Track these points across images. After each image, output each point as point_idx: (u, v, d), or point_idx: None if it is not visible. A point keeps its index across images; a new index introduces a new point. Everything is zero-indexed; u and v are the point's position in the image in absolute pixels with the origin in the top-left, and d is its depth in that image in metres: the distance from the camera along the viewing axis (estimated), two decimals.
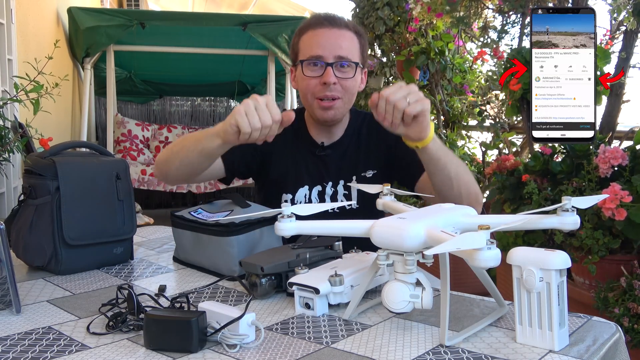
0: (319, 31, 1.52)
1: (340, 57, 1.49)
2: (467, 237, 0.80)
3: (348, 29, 1.54)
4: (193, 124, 5.96)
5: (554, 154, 2.37)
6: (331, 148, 1.62)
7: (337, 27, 1.52)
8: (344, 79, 1.50)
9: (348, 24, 1.55)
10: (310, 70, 1.51)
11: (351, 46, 1.52)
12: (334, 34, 1.51)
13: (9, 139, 1.26)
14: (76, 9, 4.60)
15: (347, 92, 1.52)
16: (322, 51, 1.49)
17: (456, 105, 3.85)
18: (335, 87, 1.50)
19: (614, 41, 2.67)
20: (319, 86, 1.50)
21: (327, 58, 1.49)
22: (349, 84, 1.51)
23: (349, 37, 1.53)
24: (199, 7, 8.45)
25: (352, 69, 1.51)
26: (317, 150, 1.61)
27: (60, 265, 1.29)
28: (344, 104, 1.54)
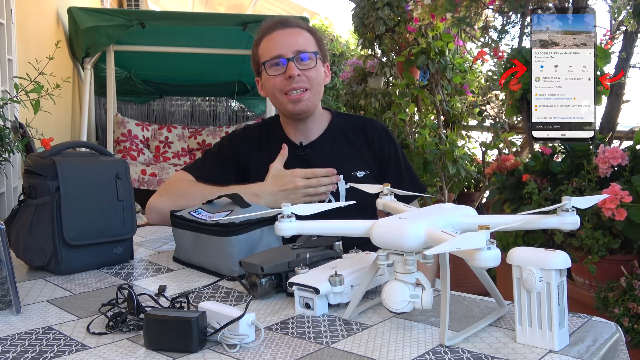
0: (274, 34, 1.59)
1: (298, 50, 1.56)
2: (467, 237, 0.80)
3: (301, 27, 1.62)
4: (193, 124, 5.95)
5: (554, 154, 2.37)
6: (311, 147, 1.65)
7: (289, 27, 1.60)
8: (306, 69, 1.57)
9: (300, 23, 1.63)
10: (274, 70, 1.58)
11: (307, 41, 1.60)
12: (288, 33, 1.59)
13: (9, 139, 1.26)
14: (76, 9, 4.60)
15: (313, 82, 1.58)
16: (280, 50, 1.56)
17: (456, 105, 3.86)
18: (300, 79, 1.56)
19: (614, 41, 2.67)
20: (284, 81, 1.56)
21: (287, 54, 1.56)
22: (312, 74, 1.58)
23: (304, 35, 1.61)
24: (199, 7, 8.45)
25: (313, 60, 1.58)
26: (297, 151, 1.64)
27: (60, 265, 1.29)
28: (312, 94, 1.59)
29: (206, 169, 1.68)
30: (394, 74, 4.01)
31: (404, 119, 3.71)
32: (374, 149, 1.66)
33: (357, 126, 1.69)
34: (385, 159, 1.66)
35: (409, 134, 3.77)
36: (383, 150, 1.66)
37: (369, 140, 1.67)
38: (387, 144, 1.67)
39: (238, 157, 1.68)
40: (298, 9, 7.77)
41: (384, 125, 1.74)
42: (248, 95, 6.05)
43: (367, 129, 1.69)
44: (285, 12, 7.48)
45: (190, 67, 5.53)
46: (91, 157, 1.41)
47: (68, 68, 4.83)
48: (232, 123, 5.90)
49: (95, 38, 4.56)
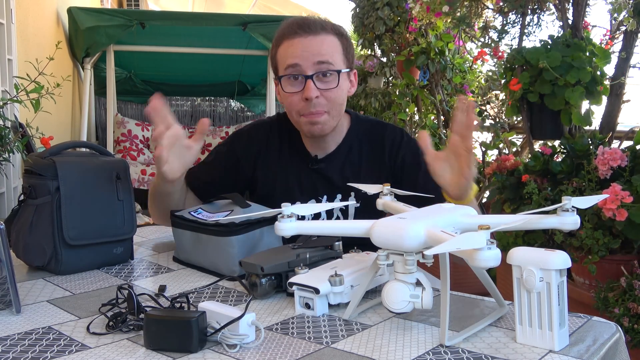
0: (294, 41, 1.40)
1: (321, 62, 1.38)
2: (467, 237, 0.80)
3: (325, 31, 1.41)
4: (193, 124, 5.94)
5: (554, 154, 2.37)
6: (325, 161, 1.52)
7: (312, 33, 1.39)
8: (327, 90, 1.40)
9: (325, 25, 1.42)
10: (290, 86, 1.41)
11: (331, 50, 1.40)
12: (309, 42, 1.39)
13: (9, 139, 1.26)
14: (76, 9, 4.60)
15: (333, 103, 1.42)
16: (300, 60, 1.38)
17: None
18: (318, 102, 1.39)
19: (614, 41, 2.67)
20: (301, 102, 1.40)
21: (306, 69, 1.38)
22: (333, 94, 1.41)
23: (328, 41, 1.41)
24: (199, 7, 8.45)
25: (335, 78, 1.40)
26: (311, 164, 1.52)
27: (60, 265, 1.29)
28: (331, 117, 1.44)
29: (197, 172, 1.56)
30: (394, 74, 4.01)
31: (404, 119, 3.71)
32: (390, 158, 1.52)
33: (375, 135, 1.54)
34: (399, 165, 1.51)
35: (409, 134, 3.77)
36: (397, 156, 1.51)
37: (387, 150, 1.52)
38: (403, 149, 1.52)
39: (241, 157, 1.55)
40: (298, 9, 7.77)
41: (402, 130, 1.59)
42: (248, 95, 6.05)
43: (385, 137, 1.53)
44: (285, 12, 7.48)
45: (190, 67, 5.53)
46: (91, 157, 1.41)
47: (68, 68, 4.83)
48: (232, 123, 5.90)
49: (95, 38, 4.56)
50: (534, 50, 2.38)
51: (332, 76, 1.40)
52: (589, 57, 2.32)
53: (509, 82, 2.49)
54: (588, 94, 2.29)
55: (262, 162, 1.55)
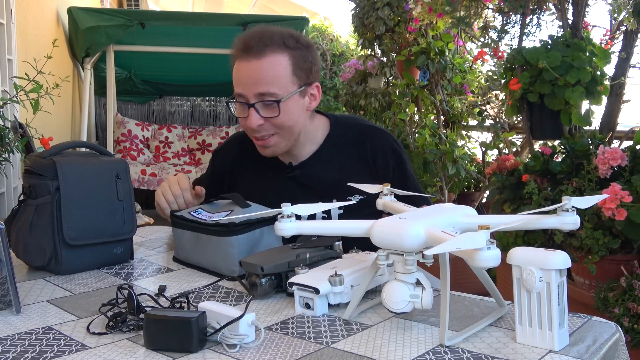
0: (238, 65, 1.38)
1: (261, 94, 1.34)
2: (467, 237, 0.80)
3: (271, 50, 1.34)
4: (193, 124, 5.96)
5: (554, 154, 2.37)
6: (301, 167, 1.49)
7: (254, 55, 1.34)
8: (270, 117, 1.36)
9: (271, 42, 1.34)
10: (239, 110, 1.41)
11: (274, 75, 1.34)
12: (251, 67, 1.35)
13: (9, 139, 1.26)
14: (76, 9, 4.60)
15: (280, 128, 1.38)
16: (243, 89, 1.36)
17: (456, 105, 3.85)
18: (264, 127, 1.37)
19: (614, 41, 2.67)
20: (249, 128, 1.40)
21: (249, 97, 1.35)
22: (278, 121, 1.36)
23: (273, 63, 1.34)
24: (199, 7, 8.45)
25: (275, 108, 1.35)
26: (286, 172, 1.49)
27: (60, 265, 1.29)
28: (282, 138, 1.40)
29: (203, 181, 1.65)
30: (394, 74, 4.01)
31: (404, 119, 3.71)
32: (375, 164, 1.48)
33: (357, 139, 1.50)
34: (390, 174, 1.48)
35: (409, 134, 3.77)
36: (386, 165, 1.49)
37: (370, 155, 1.48)
38: (390, 157, 1.49)
39: (221, 174, 1.60)
40: (298, 9, 7.76)
41: (388, 135, 1.56)
42: None
43: (367, 142, 1.49)
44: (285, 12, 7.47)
45: (190, 67, 5.53)
46: (91, 157, 1.41)
47: (68, 68, 4.83)
48: (232, 123, 5.90)
49: (95, 38, 4.56)
50: (534, 50, 2.38)
51: (273, 107, 1.36)
52: (589, 57, 2.32)
53: (509, 82, 2.49)
54: (588, 94, 2.29)
55: (239, 175, 1.57)
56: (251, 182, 1.54)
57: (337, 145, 1.50)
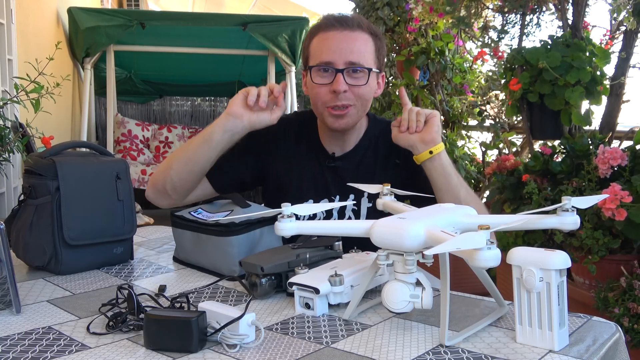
0: (329, 34, 1.42)
1: (352, 62, 1.39)
2: (467, 237, 0.80)
3: (362, 30, 1.43)
4: (193, 124, 5.96)
5: (554, 154, 2.37)
6: (343, 159, 1.51)
7: (349, 28, 1.41)
8: (356, 86, 1.40)
9: (362, 24, 1.44)
10: (320, 77, 1.41)
11: (364, 49, 1.42)
12: (345, 37, 1.41)
13: (9, 139, 1.26)
14: (76, 9, 4.60)
15: (360, 99, 1.42)
16: (332, 56, 1.39)
17: (456, 105, 3.85)
18: (346, 95, 1.40)
19: (614, 41, 2.67)
20: (329, 94, 1.41)
21: (338, 64, 1.39)
22: (361, 91, 1.41)
23: (363, 40, 1.42)
24: (199, 7, 8.45)
25: (365, 74, 1.41)
26: (328, 161, 1.51)
27: (60, 265, 1.29)
28: (357, 111, 1.44)
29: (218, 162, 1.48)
30: (394, 74, 4.01)
31: None
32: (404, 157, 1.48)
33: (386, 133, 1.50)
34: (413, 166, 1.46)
35: None
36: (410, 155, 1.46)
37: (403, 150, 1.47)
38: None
39: (255, 152, 1.54)
40: (298, 9, 7.77)
41: None
42: None
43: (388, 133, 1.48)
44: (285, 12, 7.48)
45: (190, 67, 5.53)
46: (91, 157, 1.41)
47: (68, 68, 4.83)
48: None
49: (95, 38, 4.56)
50: (534, 50, 2.38)
51: (362, 73, 1.41)
52: (589, 57, 2.32)
53: (509, 82, 2.49)
54: (588, 94, 2.29)
55: (277, 155, 1.54)
56: (288, 166, 1.52)
57: (375, 139, 1.54)
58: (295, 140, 1.55)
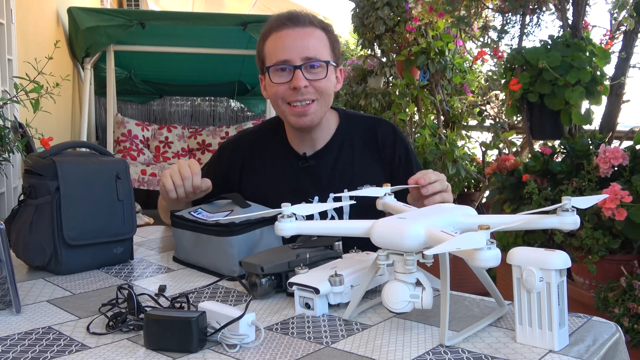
0: (282, 33, 1.41)
1: (308, 57, 1.39)
2: (467, 237, 0.80)
3: (313, 26, 1.42)
4: (193, 124, 5.95)
5: (554, 154, 2.37)
6: (316, 157, 1.50)
7: (300, 25, 1.41)
8: (315, 80, 1.40)
9: (313, 20, 1.44)
10: (278, 76, 1.41)
11: (319, 44, 1.41)
12: (298, 34, 1.40)
13: (9, 139, 1.26)
14: (76, 9, 4.60)
15: (322, 93, 1.41)
16: (288, 54, 1.39)
17: (456, 105, 3.86)
18: (307, 90, 1.39)
19: (614, 41, 2.67)
20: (288, 91, 1.40)
21: (294, 60, 1.38)
22: (322, 84, 1.40)
23: (317, 35, 1.42)
24: (199, 7, 8.45)
25: (324, 68, 1.40)
26: (300, 162, 1.50)
27: (60, 265, 1.29)
28: (320, 106, 1.43)
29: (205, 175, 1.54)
30: (394, 74, 4.01)
31: (404, 119, 3.71)
32: (384, 154, 1.52)
33: (367, 130, 1.54)
34: (396, 163, 1.52)
35: (409, 134, 3.77)
36: (394, 155, 1.52)
37: (380, 145, 1.52)
38: (398, 147, 1.53)
39: (229, 168, 1.57)
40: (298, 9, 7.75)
41: (394, 126, 1.59)
42: (248, 95, 6.05)
43: (378, 132, 1.54)
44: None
45: (190, 67, 5.53)
46: (91, 157, 1.41)
47: (68, 68, 4.83)
48: (232, 123, 5.90)
49: (95, 38, 4.56)
50: (534, 50, 2.38)
51: (321, 67, 1.40)
52: (589, 57, 2.32)
53: (509, 82, 2.49)
54: (588, 94, 2.29)
55: (248, 172, 1.55)
56: (262, 176, 1.52)
57: (349, 135, 1.53)
58: (265, 151, 1.55)
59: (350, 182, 1.46)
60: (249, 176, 1.54)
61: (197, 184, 1.40)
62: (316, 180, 1.49)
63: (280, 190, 1.48)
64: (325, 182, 1.48)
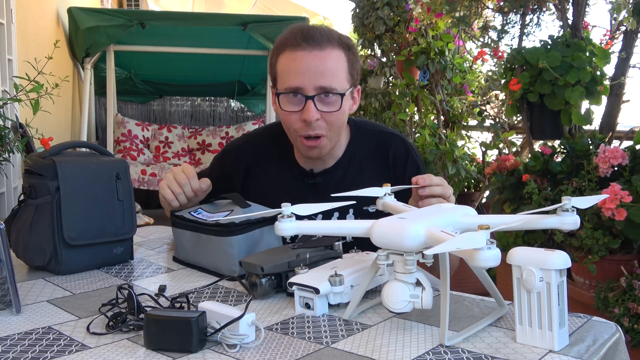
0: (297, 54, 1.30)
1: (323, 87, 1.30)
2: (467, 237, 0.80)
3: (332, 45, 1.32)
4: (193, 124, 5.95)
5: (554, 154, 2.37)
6: (322, 175, 1.45)
7: (317, 47, 1.30)
8: (328, 112, 1.32)
9: (331, 38, 1.32)
10: (289, 104, 1.33)
11: (336, 69, 1.31)
12: (314, 58, 1.29)
13: (9, 139, 1.26)
14: (76, 9, 4.60)
15: (332, 127, 1.35)
16: (301, 81, 1.30)
17: (456, 105, 3.86)
18: (318, 124, 1.32)
19: (614, 41, 2.67)
20: (299, 122, 1.33)
21: (307, 89, 1.30)
22: (334, 117, 1.33)
23: (334, 57, 1.31)
24: (199, 7, 8.45)
25: (339, 99, 1.32)
26: (307, 179, 1.45)
27: (60, 265, 1.29)
28: (329, 140, 1.37)
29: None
30: (394, 74, 4.01)
31: (404, 119, 3.71)
32: (394, 172, 1.46)
33: (378, 145, 1.48)
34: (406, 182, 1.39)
35: (409, 134, 3.77)
36: (404, 172, 1.45)
37: (391, 162, 1.46)
38: (409, 165, 1.47)
39: (231, 176, 1.53)
40: (298, 9, 7.76)
41: (407, 142, 1.51)
42: (248, 95, 6.05)
43: (390, 149, 1.47)
44: (285, 12, 7.47)
45: (190, 67, 5.53)
46: (91, 157, 1.41)
47: (68, 68, 4.83)
48: (232, 123, 5.90)
49: (95, 38, 4.56)
50: (534, 50, 2.38)
51: (335, 98, 1.32)
52: (589, 57, 2.32)
53: (509, 82, 2.49)
54: (588, 94, 2.29)
55: (252, 180, 1.51)
56: (266, 186, 1.48)
57: (360, 150, 1.48)
58: (270, 160, 1.50)
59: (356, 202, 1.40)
60: (252, 184, 1.51)
61: (197, 187, 1.38)
62: (321, 196, 1.42)
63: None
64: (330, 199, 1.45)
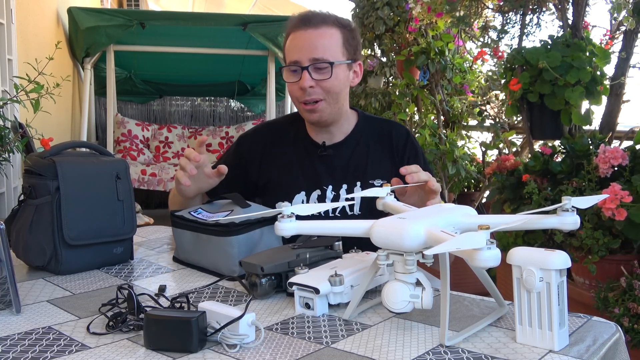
0: (297, 34, 1.50)
1: (315, 58, 1.46)
2: (467, 237, 0.80)
3: (327, 25, 1.49)
4: (193, 124, 5.95)
5: (554, 154, 2.37)
6: (334, 148, 1.57)
7: (312, 26, 1.48)
8: (321, 80, 1.47)
9: (327, 19, 1.50)
10: (290, 76, 1.50)
11: (329, 44, 1.48)
12: (308, 36, 1.48)
13: (9, 139, 1.26)
14: (76, 9, 4.60)
15: (329, 92, 1.48)
16: (298, 55, 1.47)
17: (456, 105, 3.85)
18: (314, 90, 1.47)
19: (614, 41, 2.67)
20: (299, 91, 1.48)
21: (303, 62, 1.46)
22: (327, 84, 1.47)
23: (328, 35, 1.48)
24: (199, 7, 8.45)
25: (328, 70, 1.47)
26: (319, 150, 1.57)
27: (60, 265, 1.29)
28: (328, 104, 1.50)
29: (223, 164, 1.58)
30: (394, 74, 4.01)
31: (404, 119, 3.71)
32: (396, 155, 1.59)
33: (383, 131, 1.62)
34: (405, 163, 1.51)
35: None
36: (404, 155, 1.59)
37: (394, 146, 1.59)
38: (408, 149, 1.60)
39: (249, 158, 1.61)
40: (298, 9, 7.75)
41: (408, 131, 1.66)
42: (248, 95, 6.05)
43: (392, 132, 1.61)
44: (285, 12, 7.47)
45: (190, 67, 5.53)
46: (91, 157, 1.41)
47: (68, 68, 4.83)
48: (232, 123, 5.90)
49: (95, 38, 4.56)
50: (534, 50, 2.38)
51: (326, 68, 1.47)
52: (589, 57, 2.32)
53: (509, 82, 2.49)
54: (588, 94, 2.29)
55: (268, 161, 1.60)
56: (280, 162, 1.58)
57: (365, 134, 1.61)
58: (284, 141, 1.62)
59: (362, 176, 1.54)
60: (268, 164, 1.60)
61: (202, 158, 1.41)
62: (331, 170, 1.55)
63: (294, 176, 1.55)
64: (339, 173, 1.55)
